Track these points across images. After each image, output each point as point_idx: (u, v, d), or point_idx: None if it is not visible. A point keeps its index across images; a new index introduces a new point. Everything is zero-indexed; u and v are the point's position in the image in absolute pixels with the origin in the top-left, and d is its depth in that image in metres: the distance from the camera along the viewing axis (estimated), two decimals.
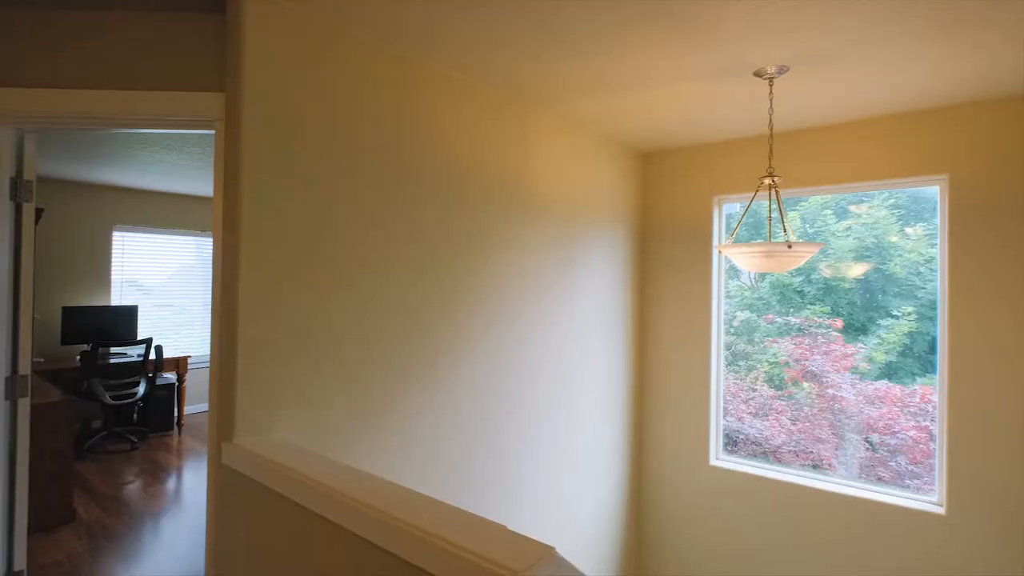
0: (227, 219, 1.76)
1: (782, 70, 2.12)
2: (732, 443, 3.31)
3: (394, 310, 2.06)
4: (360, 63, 1.96)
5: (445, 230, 2.24)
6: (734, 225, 3.38)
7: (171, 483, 4.18)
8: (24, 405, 2.03)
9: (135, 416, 5.37)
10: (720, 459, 3.24)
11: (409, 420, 2.10)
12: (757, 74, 2.17)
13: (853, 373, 3.03)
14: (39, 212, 4.01)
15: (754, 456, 3.21)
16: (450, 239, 2.26)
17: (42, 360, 4.99)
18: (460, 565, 0.93)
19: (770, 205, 2.22)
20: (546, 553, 0.96)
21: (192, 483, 4.19)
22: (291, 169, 1.78)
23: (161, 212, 6.04)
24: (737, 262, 2.04)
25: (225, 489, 1.66)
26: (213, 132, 2.00)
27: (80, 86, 1.92)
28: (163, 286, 6.17)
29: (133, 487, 4.07)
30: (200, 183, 5.46)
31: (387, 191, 2.04)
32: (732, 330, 3.42)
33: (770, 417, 3.23)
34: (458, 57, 2.12)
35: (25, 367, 2.04)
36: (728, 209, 3.32)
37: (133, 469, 4.46)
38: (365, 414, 1.95)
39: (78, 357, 4.94)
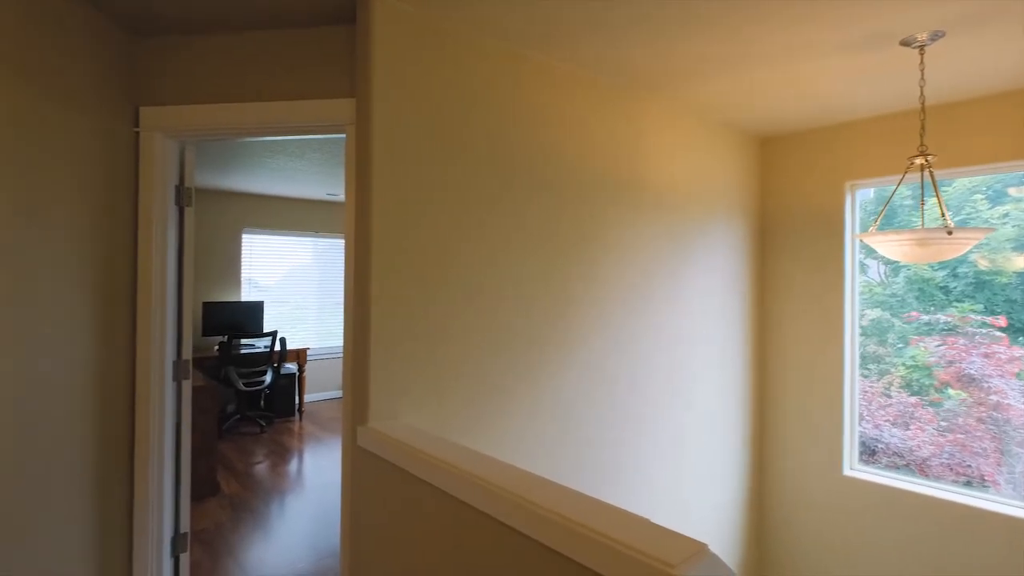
0: (359, 217, 1.87)
1: (936, 36, 1.90)
2: (869, 452, 3.03)
3: (508, 305, 2.09)
4: (473, 61, 2.00)
5: (556, 224, 2.25)
6: (868, 213, 3.10)
7: (294, 464, 4.52)
8: (187, 387, 2.28)
9: (262, 402, 5.89)
10: (855, 469, 2.97)
11: (522, 412, 2.12)
12: (904, 43, 1.96)
13: (1020, 379, 2.66)
14: None
15: (896, 468, 2.91)
16: (561, 233, 2.26)
17: None
18: (611, 557, 0.92)
19: (922, 188, 2.00)
20: (700, 549, 0.93)
21: (311, 465, 4.51)
22: (413, 167, 1.86)
23: (282, 215, 6.57)
24: (884, 252, 1.86)
25: (360, 468, 1.77)
26: (343, 136, 2.15)
27: (229, 100, 2.12)
28: (279, 284, 6.70)
29: (262, 466, 4.46)
30: (317, 187, 5.88)
31: (498, 186, 2.07)
32: (860, 330, 3.14)
33: (912, 426, 2.92)
34: (570, 49, 2.11)
35: (187, 353, 2.29)
36: (861, 196, 3.04)
37: (262, 450, 4.88)
38: (480, 404, 2.00)
39: (216, 347, 5.50)
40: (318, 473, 4.29)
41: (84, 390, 1.94)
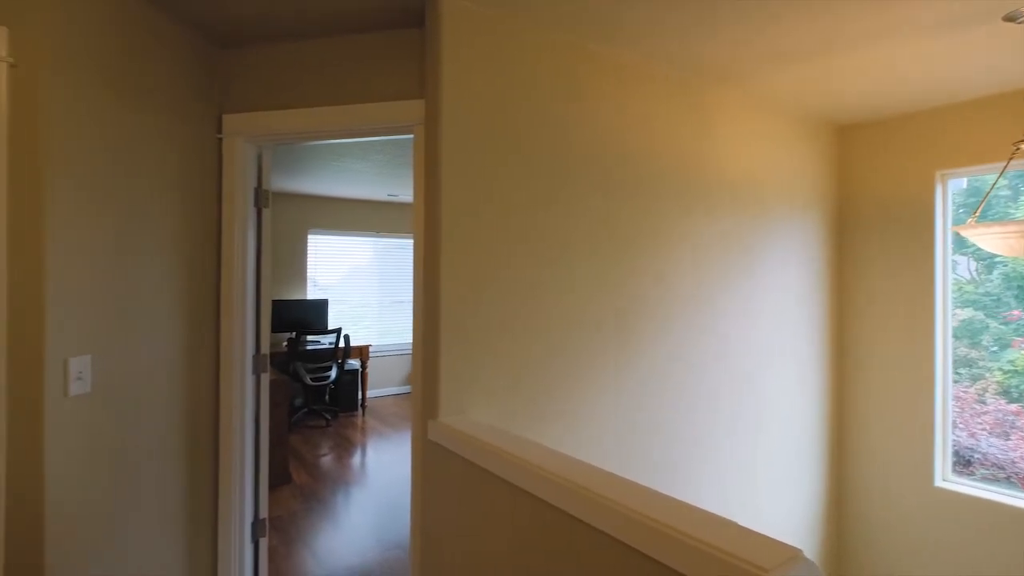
0: (428, 215, 1.90)
1: None
2: (963, 463, 2.81)
3: (573, 303, 2.07)
4: (537, 57, 2.00)
5: (620, 220, 2.21)
6: (955, 205, 2.88)
7: (358, 457, 4.67)
8: (265, 379, 2.39)
9: (327, 397, 6.11)
10: (948, 480, 2.76)
11: (587, 411, 2.10)
12: (1008, 18, 1.81)
13: None
14: None
15: (995, 481, 2.69)
16: (626, 229, 2.23)
17: None
18: (700, 559, 0.89)
19: None
20: (794, 554, 0.88)
21: (375, 459, 4.64)
22: (479, 165, 1.87)
23: (345, 216, 6.80)
24: (985, 245, 1.72)
25: (430, 462, 1.79)
26: (408, 136, 2.20)
27: (304, 105, 2.20)
28: (340, 283, 6.92)
29: (328, 458, 4.62)
30: (379, 188, 6.04)
31: (561, 182, 2.06)
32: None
33: (1014, 435, 2.69)
34: (636, 42, 2.07)
35: (265, 347, 2.40)
36: (953, 186, 2.83)
37: (328, 442, 5.06)
38: (544, 401, 1.99)
39: (284, 343, 5.75)
40: (381, 467, 4.40)
41: (176, 381, 2.06)
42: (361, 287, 7.05)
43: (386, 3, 1.91)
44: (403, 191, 6.23)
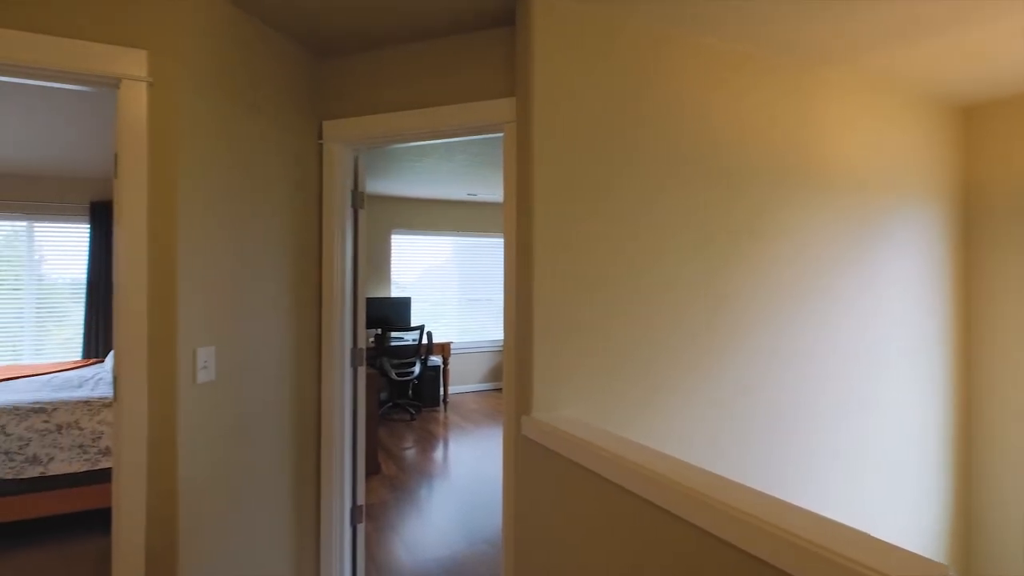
0: (520, 213, 1.91)
1: None
2: None
3: (668, 300, 2.01)
4: (628, 49, 1.95)
5: (714, 212, 2.12)
6: None
7: (441, 451, 4.79)
8: (361, 372, 2.50)
9: (410, 392, 6.32)
10: None
11: (681, 410, 2.03)
12: None
13: None
14: None
15: None
16: (721, 221, 2.13)
17: None
18: (832, 570, 0.83)
19: None
20: (942, 573, 0.80)
21: (459, 454, 4.74)
22: (572, 162, 1.85)
23: (426, 216, 7.00)
24: None
25: (524, 457, 1.80)
26: (495, 135, 2.22)
27: (397, 108, 2.28)
28: (420, 281, 7.11)
29: (412, 451, 4.78)
30: (459, 188, 6.17)
31: (658, 176, 2.01)
32: None
33: None
34: (734, 28, 1.98)
35: (361, 341, 2.51)
36: None
37: (412, 436, 5.23)
38: (638, 399, 1.95)
39: (371, 339, 6.00)
40: (465, 463, 4.49)
41: (284, 372, 2.21)
42: (441, 285, 7.23)
43: (475, 5, 1.94)
44: (483, 190, 6.32)
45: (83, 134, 3.85)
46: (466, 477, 4.11)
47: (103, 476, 2.96)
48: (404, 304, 6.57)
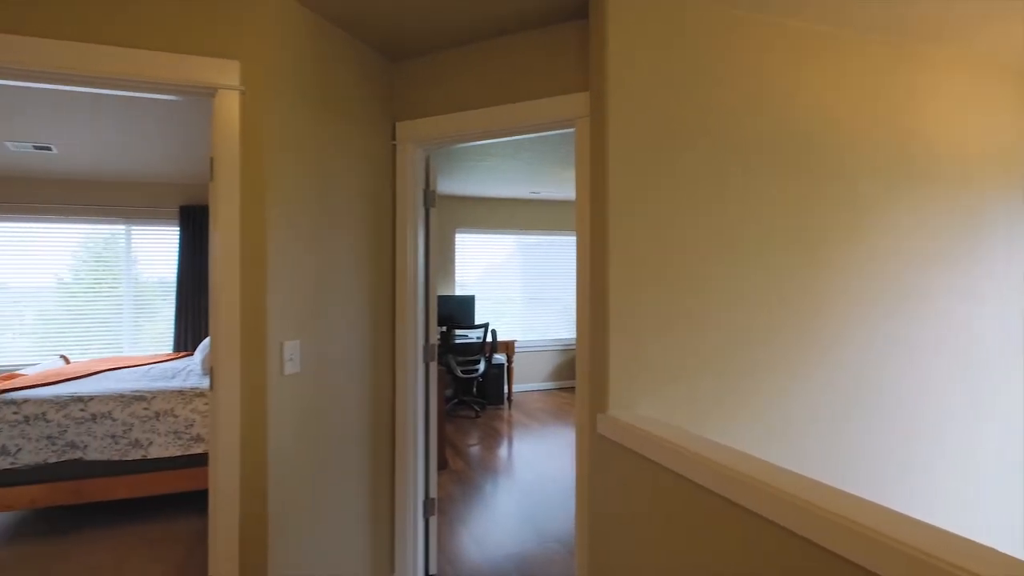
0: (594, 209, 1.88)
1: None
2: None
3: (751, 295, 1.93)
4: (707, 36, 1.88)
5: (804, 206, 2.01)
6: None
7: (506, 449, 4.81)
8: (433, 368, 2.55)
9: (475, 389, 6.40)
10: None
11: (771, 410, 1.94)
12: None
13: None
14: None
15: None
16: (811, 214, 2.02)
17: None
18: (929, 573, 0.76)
19: None
20: None
21: (525, 452, 4.74)
22: (648, 156, 1.81)
23: (490, 215, 7.06)
24: None
25: (599, 455, 1.78)
26: (564, 131, 2.20)
27: (467, 108, 2.30)
28: (483, 280, 7.17)
29: (477, 448, 4.83)
30: (523, 186, 6.18)
31: (740, 169, 1.92)
32: None
33: None
34: (816, 10, 1.86)
35: (433, 338, 2.56)
36: None
37: (478, 433, 5.29)
38: (723, 398, 1.88)
39: (437, 336, 6.12)
40: (531, 461, 4.49)
41: (362, 367, 2.28)
42: (503, 283, 7.27)
43: (546, 1, 1.93)
44: (546, 188, 6.31)
45: (174, 143, 4.14)
46: (533, 475, 4.12)
47: (195, 461, 3.16)
48: (468, 302, 6.65)
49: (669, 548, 1.41)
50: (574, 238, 7.49)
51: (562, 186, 6.17)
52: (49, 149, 4.26)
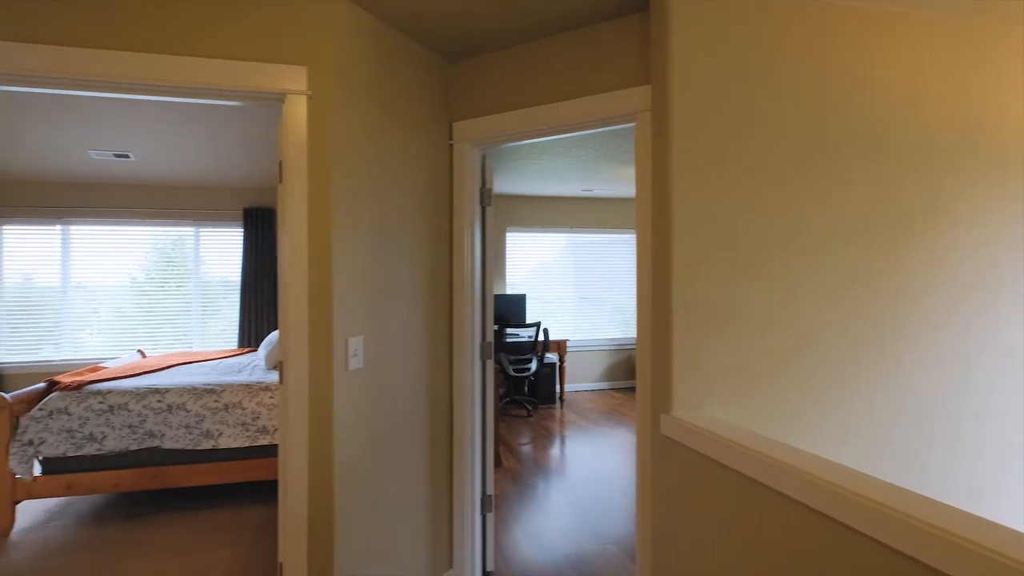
0: (656, 206, 1.83)
1: None
2: None
3: (826, 293, 1.83)
4: (776, 23, 1.80)
5: (882, 197, 1.89)
6: None
7: (558, 449, 4.79)
8: (489, 365, 2.56)
9: (526, 388, 6.40)
10: None
11: (840, 416, 1.84)
12: None
13: None
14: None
15: None
16: (890, 205, 1.90)
17: None
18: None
19: None
20: None
21: (576, 451, 4.71)
22: (715, 148, 1.74)
23: (540, 213, 7.04)
24: None
25: (663, 457, 1.73)
26: (618, 128, 2.15)
27: (523, 106, 2.29)
28: (533, 278, 7.15)
29: (530, 447, 4.82)
30: (575, 184, 6.14)
31: (813, 161, 1.83)
32: None
33: None
34: None
35: (489, 335, 2.57)
36: None
37: (530, 432, 5.28)
38: (794, 401, 1.79)
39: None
40: (584, 461, 4.45)
41: (421, 364, 2.31)
42: (554, 282, 7.24)
43: None
44: (598, 185, 6.24)
45: (239, 148, 4.34)
46: (587, 475, 4.08)
47: (260, 452, 3.30)
48: (519, 301, 6.66)
49: (743, 557, 1.36)
50: (626, 236, 7.38)
51: (615, 183, 6.08)
52: (127, 156, 4.54)
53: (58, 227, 5.49)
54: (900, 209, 1.92)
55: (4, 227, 5.36)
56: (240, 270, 5.83)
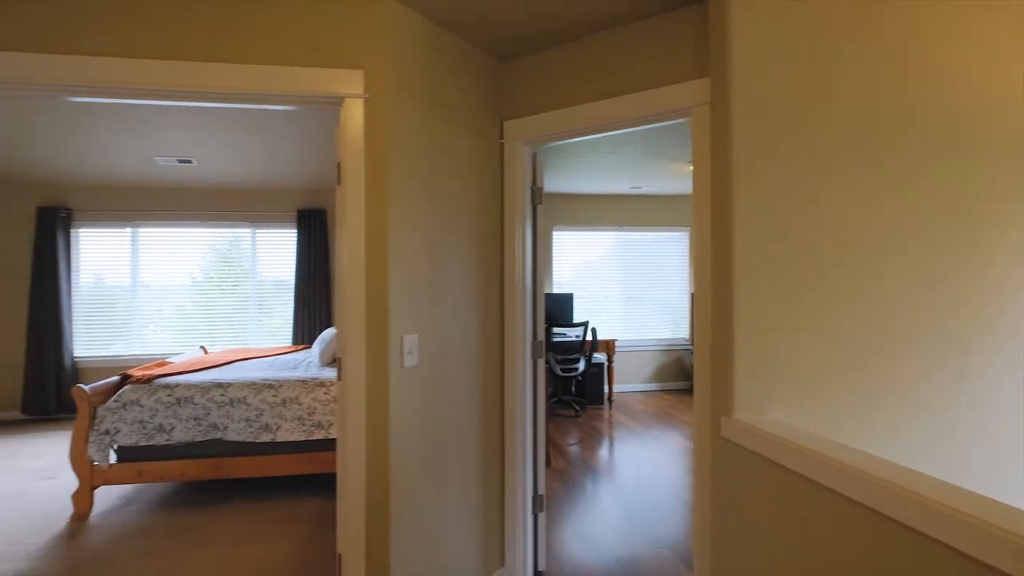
0: (716, 202, 1.77)
1: None
2: None
3: (894, 296, 1.73)
4: (842, 11, 1.70)
5: (949, 192, 1.77)
6: None
7: (606, 450, 4.72)
8: (540, 364, 2.54)
9: (574, 388, 6.35)
10: None
11: (925, 425, 1.73)
12: None
13: None
14: None
15: None
16: (960, 202, 1.78)
17: None
18: None
19: None
20: None
21: (625, 453, 4.64)
22: (778, 142, 1.67)
23: (588, 211, 6.97)
24: None
25: (724, 461, 1.68)
26: (671, 123, 2.10)
27: (574, 103, 2.27)
28: (580, 277, 7.08)
29: (577, 447, 4.78)
30: (623, 182, 6.05)
31: (879, 155, 1.73)
32: None
33: None
34: None
35: (540, 334, 2.55)
36: None
37: (578, 432, 5.24)
38: (854, 405, 1.70)
39: None
40: (635, 463, 4.38)
41: (473, 362, 2.32)
42: (601, 281, 7.16)
43: None
44: (647, 182, 6.12)
45: (294, 152, 4.48)
46: (638, 477, 4.01)
47: (316, 446, 3.40)
48: (566, 300, 6.62)
49: (812, 566, 1.30)
50: (676, 234, 7.22)
51: (666, 180, 5.96)
52: (190, 162, 4.77)
53: (128, 229, 5.82)
54: (980, 207, 1.79)
55: (81, 230, 5.73)
56: (294, 269, 6.02)
